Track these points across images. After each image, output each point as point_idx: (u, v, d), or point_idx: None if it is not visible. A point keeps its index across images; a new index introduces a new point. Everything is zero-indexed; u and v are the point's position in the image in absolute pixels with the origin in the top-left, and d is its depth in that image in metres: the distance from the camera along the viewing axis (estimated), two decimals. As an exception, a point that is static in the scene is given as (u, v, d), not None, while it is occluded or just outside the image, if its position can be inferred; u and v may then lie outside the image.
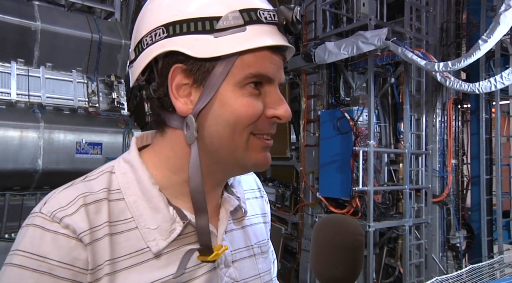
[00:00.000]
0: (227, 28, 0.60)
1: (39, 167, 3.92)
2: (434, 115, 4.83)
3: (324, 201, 4.62)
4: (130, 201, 0.64)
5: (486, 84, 3.52)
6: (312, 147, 4.96)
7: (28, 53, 4.19)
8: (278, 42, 0.62)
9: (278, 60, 0.65)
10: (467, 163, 5.20)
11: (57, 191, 0.63)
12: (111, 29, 4.78)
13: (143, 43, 0.64)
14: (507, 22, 3.09)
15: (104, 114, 4.53)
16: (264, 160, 0.67)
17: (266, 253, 0.80)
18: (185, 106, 0.63)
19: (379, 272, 4.78)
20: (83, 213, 0.60)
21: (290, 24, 0.63)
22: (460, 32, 5.03)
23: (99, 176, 0.67)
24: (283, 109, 0.65)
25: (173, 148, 0.67)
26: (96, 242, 0.60)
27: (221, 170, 0.68)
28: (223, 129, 0.62)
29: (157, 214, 0.64)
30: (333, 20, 4.91)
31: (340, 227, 0.76)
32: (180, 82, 0.63)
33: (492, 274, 3.87)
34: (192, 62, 0.61)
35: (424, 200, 4.61)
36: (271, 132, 0.67)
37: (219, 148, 0.64)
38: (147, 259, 0.63)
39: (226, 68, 0.61)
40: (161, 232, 0.64)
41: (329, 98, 4.88)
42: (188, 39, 0.60)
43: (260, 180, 0.91)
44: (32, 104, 4.10)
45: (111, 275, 0.60)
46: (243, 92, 0.62)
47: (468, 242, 5.02)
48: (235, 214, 0.75)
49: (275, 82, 0.65)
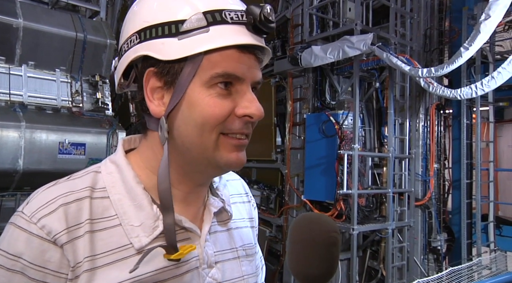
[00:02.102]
0: (191, 30, 0.61)
1: (19, 167, 3.83)
2: (417, 120, 4.92)
3: (308, 203, 4.64)
4: (114, 199, 0.66)
5: (467, 90, 3.61)
6: (297, 150, 4.99)
7: (10, 51, 4.10)
8: (242, 41, 0.62)
9: (248, 59, 0.64)
10: (448, 167, 5.31)
11: (41, 189, 0.65)
12: (96, 28, 4.72)
13: (123, 50, 0.68)
14: (487, 31, 3.17)
15: (88, 114, 4.46)
16: (236, 159, 0.66)
17: (252, 256, 0.81)
18: (158, 108, 0.65)
19: (362, 274, 4.82)
20: (61, 213, 0.61)
21: (259, 23, 0.62)
22: (443, 39, 5.15)
23: (84, 175, 0.68)
24: (254, 108, 0.64)
25: (153, 149, 0.69)
26: (75, 240, 0.61)
27: (196, 170, 0.69)
28: (192, 129, 0.63)
29: (141, 211, 0.66)
30: (320, 24, 4.95)
31: (315, 224, 0.75)
32: (154, 86, 0.65)
33: (471, 276, 3.96)
34: (162, 65, 0.63)
35: (407, 203, 4.68)
36: (244, 132, 0.66)
37: (190, 148, 0.65)
38: (129, 255, 0.63)
39: (193, 69, 0.62)
40: (144, 229, 0.65)
41: (315, 101, 4.92)
42: (157, 43, 0.62)
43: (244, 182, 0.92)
44: (13, 103, 4.01)
45: (90, 271, 0.61)
46: (210, 93, 0.63)
47: (448, 244, 5.12)
48: (220, 216, 0.76)
49: (246, 81, 0.65)
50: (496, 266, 4.59)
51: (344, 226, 4.23)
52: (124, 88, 0.71)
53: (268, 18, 0.63)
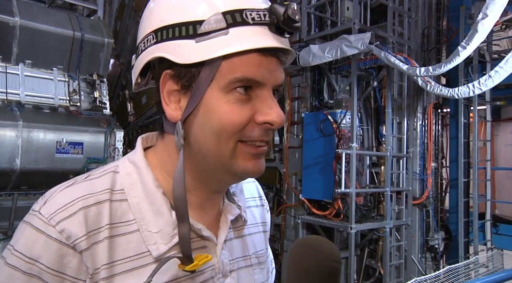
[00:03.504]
0: (209, 32, 0.57)
1: (16, 166, 3.81)
2: (415, 119, 4.93)
3: (306, 202, 4.65)
4: (133, 202, 0.63)
5: (465, 89, 3.62)
6: (295, 149, 4.99)
7: (7, 49, 4.07)
8: (264, 44, 0.58)
9: (270, 62, 0.60)
10: (446, 166, 5.33)
11: (59, 189, 0.62)
12: (93, 27, 4.70)
13: (139, 49, 0.65)
14: (484, 30, 3.18)
15: (85, 113, 4.44)
16: (254, 168, 0.63)
17: (263, 263, 0.78)
18: (174, 113, 0.62)
19: (360, 273, 4.84)
20: (81, 216, 0.59)
21: (282, 23, 0.58)
22: (441, 38, 5.16)
23: (102, 175, 0.65)
24: (275, 115, 0.61)
25: (169, 152, 0.66)
26: (95, 245, 0.59)
27: (213, 177, 0.66)
28: (208, 136, 0.60)
29: (159, 217, 0.63)
30: (318, 23, 4.96)
31: (314, 250, 0.69)
32: (171, 89, 0.62)
33: (468, 274, 3.98)
34: (179, 68, 0.60)
35: (404, 202, 4.69)
36: (264, 139, 0.63)
37: (206, 155, 0.62)
38: (147, 263, 0.61)
39: (211, 74, 0.59)
40: (163, 236, 0.62)
41: (313, 100, 4.92)
42: (173, 45, 0.59)
43: None
44: (10, 102, 3.99)
45: (107, 279, 0.59)
46: (229, 98, 0.59)
47: (446, 243, 5.14)
48: (236, 223, 0.73)
49: (267, 85, 0.61)
50: (493, 264, 4.61)
51: (342, 225, 4.24)
52: (142, 87, 0.69)
53: (292, 18, 0.58)
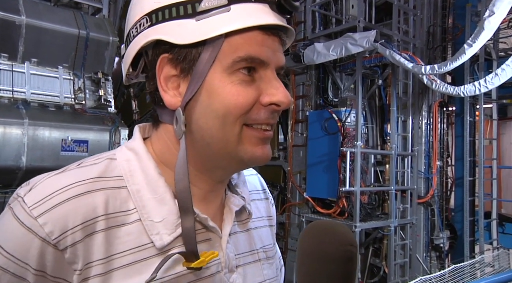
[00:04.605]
0: (210, 9, 0.54)
1: (22, 164, 3.84)
2: (420, 118, 4.90)
3: (311, 201, 4.64)
4: (133, 190, 0.58)
5: (471, 87, 3.59)
6: (299, 147, 4.98)
7: (13, 48, 4.10)
8: (268, 21, 0.56)
9: (273, 42, 0.58)
10: (451, 165, 5.29)
11: (48, 175, 0.57)
12: (98, 25, 4.72)
13: (130, 35, 0.61)
14: (491, 28, 3.15)
15: (90, 111, 4.47)
16: (262, 153, 0.60)
17: (272, 258, 0.74)
18: (173, 99, 0.59)
19: (365, 272, 4.82)
20: (68, 207, 0.53)
21: (283, 1, 0.56)
22: (446, 36, 5.12)
23: (97, 162, 0.60)
24: (281, 95, 0.58)
25: (166, 143, 0.63)
26: (86, 239, 0.54)
27: (217, 166, 0.62)
28: (213, 121, 0.57)
29: (162, 206, 0.59)
30: (322, 21, 4.94)
31: (329, 235, 0.65)
32: (169, 74, 0.59)
33: (473, 273, 3.95)
34: (177, 50, 0.57)
35: (409, 200, 4.67)
36: (270, 122, 0.60)
37: (210, 142, 0.58)
38: (150, 255, 0.57)
39: (213, 54, 0.56)
40: (166, 225, 0.58)
41: (317, 99, 4.91)
42: (171, 26, 0.56)
43: None
44: (16, 100, 4.02)
45: (104, 275, 0.54)
46: (232, 80, 0.56)
47: (451, 242, 5.12)
48: (240, 216, 0.69)
49: (270, 66, 0.58)
50: (499, 263, 4.58)
51: (346, 223, 4.23)
52: (133, 78, 0.65)
53: None
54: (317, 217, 4.60)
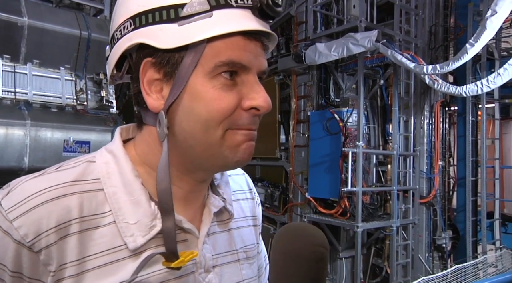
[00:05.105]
0: (192, 15, 0.55)
1: (25, 164, 3.86)
2: (422, 117, 4.89)
3: (313, 201, 4.64)
4: (109, 192, 0.60)
5: (473, 87, 3.58)
6: (301, 147, 4.98)
7: (15, 49, 4.13)
8: (249, 27, 0.57)
9: (255, 47, 0.59)
10: (453, 165, 5.28)
11: (25, 178, 0.58)
12: (100, 26, 4.73)
13: (115, 38, 0.61)
14: (493, 27, 3.14)
15: (92, 112, 4.49)
16: (243, 156, 0.61)
17: (252, 258, 0.75)
18: (156, 102, 0.59)
19: (367, 272, 4.82)
20: (43, 211, 0.54)
21: (265, 7, 0.57)
22: (448, 36, 5.10)
23: (74, 166, 0.61)
24: (261, 99, 0.59)
25: (149, 145, 0.63)
26: (60, 241, 0.55)
27: (200, 168, 0.63)
28: (195, 125, 0.58)
29: (137, 208, 0.60)
30: (324, 22, 4.93)
31: (300, 235, 0.67)
32: (152, 78, 0.59)
33: (476, 273, 3.94)
34: (160, 54, 0.58)
35: (411, 201, 4.66)
36: (253, 128, 0.61)
37: (193, 144, 0.59)
38: (123, 257, 0.58)
39: (195, 58, 0.57)
40: (140, 227, 0.59)
41: (319, 99, 4.90)
42: (154, 30, 0.56)
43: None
44: (18, 101, 4.04)
45: (77, 276, 0.56)
46: (214, 84, 0.57)
47: (453, 242, 5.10)
48: (220, 216, 0.70)
49: (252, 70, 0.59)
50: (502, 263, 4.56)
51: (348, 224, 4.23)
52: (117, 80, 0.65)
53: (276, 1, 0.57)
54: (319, 217, 4.59)
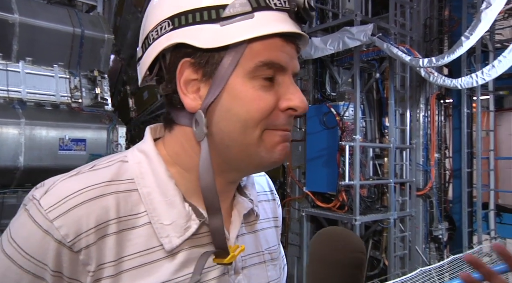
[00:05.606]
0: (234, 15, 0.56)
1: (20, 164, 3.82)
2: (418, 110, 4.92)
3: (310, 195, 4.66)
4: (144, 192, 0.60)
5: (468, 80, 3.60)
6: (298, 142, 4.99)
7: (6, 47, 4.06)
8: (288, 29, 0.58)
9: (291, 49, 0.61)
10: (449, 157, 5.32)
11: (61, 178, 0.58)
12: (93, 23, 4.67)
13: (149, 38, 0.61)
14: (488, 20, 3.15)
15: (87, 110, 4.44)
16: (280, 157, 0.61)
17: (276, 259, 0.76)
18: (194, 102, 0.60)
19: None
20: (83, 211, 0.55)
21: (302, 11, 0.59)
22: (443, 28, 5.12)
23: (108, 165, 0.61)
24: (298, 100, 0.61)
25: (182, 145, 0.63)
26: (99, 241, 0.56)
27: (234, 168, 0.64)
28: (234, 124, 0.58)
29: (172, 209, 0.60)
30: (319, 16, 4.92)
31: (338, 241, 0.68)
32: (189, 78, 0.60)
33: (473, 264, 3.99)
34: (200, 54, 0.58)
35: (408, 193, 4.69)
36: (288, 128, 0.62)
37: (230, 145, 0.60)
38: (159, 258, 0.59)
39: (235, 59, 0.57)
40: (175, 228, 0.60)
41: (316, 93, 4.90)
42: (194, 30, 0.57)
43: None
44: (12, 100, 3.99)
45: (115, 276, 0.56)
46: (253, 85, 0.58)
47: (450, 233, 5.16)
48: (248, 218, 0.71)
49: (288, 71, 0.61)
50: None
51: (346, 217, 4.26)
52: (148, 81, 0.66)
53: (312, 6, 0.59)
54: (317, 211, 4.62)
